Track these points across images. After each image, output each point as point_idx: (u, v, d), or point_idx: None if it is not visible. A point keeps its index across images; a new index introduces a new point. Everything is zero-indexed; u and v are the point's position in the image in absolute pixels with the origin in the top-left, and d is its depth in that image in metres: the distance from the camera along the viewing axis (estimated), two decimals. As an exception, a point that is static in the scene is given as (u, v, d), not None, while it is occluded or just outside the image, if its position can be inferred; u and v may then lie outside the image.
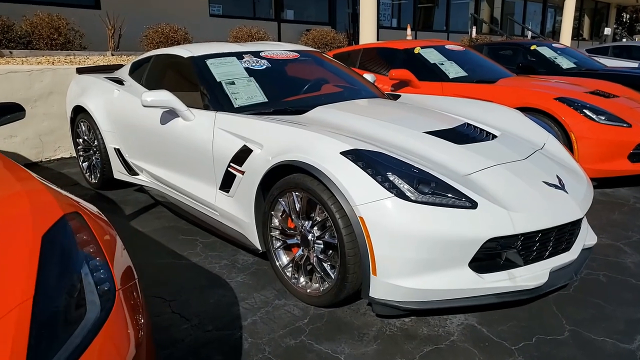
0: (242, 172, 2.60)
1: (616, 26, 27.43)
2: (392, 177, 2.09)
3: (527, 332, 2.15)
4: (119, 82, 3.98)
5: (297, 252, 2.42)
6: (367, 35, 7.98)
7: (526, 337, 2.12)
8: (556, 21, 23.68)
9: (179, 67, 3.49)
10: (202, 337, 2.14)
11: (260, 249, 2.63)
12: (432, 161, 2.36)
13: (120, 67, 4.51)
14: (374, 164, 2.13)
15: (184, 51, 3.42)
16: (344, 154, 2.18)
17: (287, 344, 2.09)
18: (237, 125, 2.71)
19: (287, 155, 2.33)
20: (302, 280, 2.41)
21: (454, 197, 2.09)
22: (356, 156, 2.16)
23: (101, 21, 7.82)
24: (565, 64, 6.56)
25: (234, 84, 3.08)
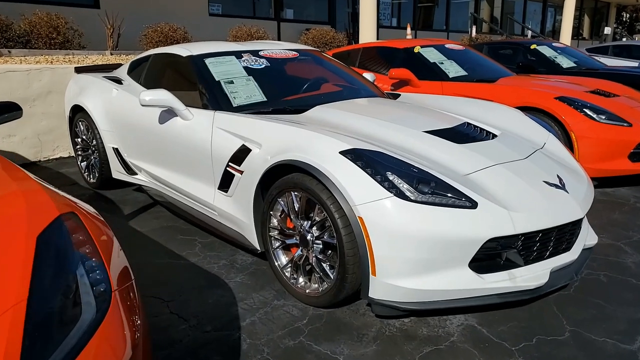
0: (241, 172, 2.58)
1: (616, 25, 27.42)
2: (391, 177, 2.08)
3: (528, 333, 2.14)
4: (118, 81, 3.97)
5: (296, 252, 2.40)
6: (367, 34, 7.97)
7: (526, 338, 2.10)
8: (556, 20, 23.67)
9: (177, 66, 3.47)
10: (200, 337, 2.13)
11: (259, 249, 2.62)
12: (431, 161, 2.34)
13: (118, 66, 4.49)
14: (374, 164, 2.12)
15: (183, 50, 3.41)
16: (343, 153, 2.16)
17: (286, 344, 2.08)
18: (236, 124, 2.70)
19: (286, 154, 2.31)
20: (301, 280, 2.40)
21: (454, 196, 2.07)
22: (355, 155, 2.15)
23: (100, 20, 7.80)
24: (565, 63, 6.54)
25: (232, 83, 3.06)
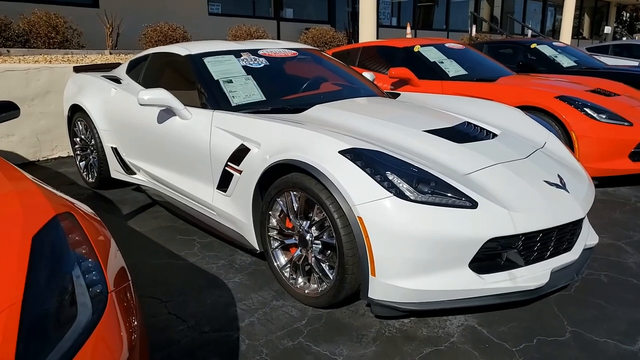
0: (240, 172, 2.57)
1: (616, 25, 27.41)
2: (391, 177, 2.06)
3: (528, 333, 2.13)
4: (116, 80, 3.95)
5: (295, 253, 2.39)
6: (367, 33, 7.96)
7: (527, 339, 2.09)
8: (556, 20, 23.67)
9: (176, 65, 3.46)
10: (198, 338, 2.12)
11: (258, 249, 2.61)
12: (431, 160, 2.33)
13: (117, 65, 4.48)
14: (373, 163, 2.10)
15: (182, 49, 3.39)
16: (342, 152, 2.15)
17: (284, 345, 2.06)
18: (235, 123, 2.68)
19: (285, 154, 2.30)
20: (300, 280, 2.39)
21: (454, 196, 2.06)
22: (355, 155, 2.13)
23: (99, 20, 7.78)
24: (565, 62, 6.52)
25: (231, 82, 3.05)
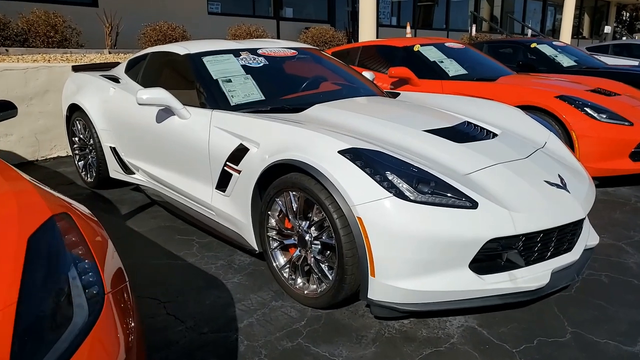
0: (239, 171, 2.56)
1: (616, 24, 27.40)
2: (390, 177, 2.05)
3: (528, 334, 2.11)
4: (115, 80, 3.94)
5: (294, 253, 2.38)
6: (367, 33, 7.94)
7: (527, 339, 2.08)
8: (556, 19, 23.66)
9: (175, 64, 3.45)
10: (197, 339, 2.11)
11: (257, 249, 2.60)
12: (431, 160, 2.32)
13: (116, 65, 4.46)
14: (373, 163, 2.09)
15: (180, 48, 3.38)
16: (341, 152, 2.14)
17: (283, 346, 2.05)
18: (234, 123, 2.67)
19: (284, 154, 2.28)
20: (299, 281, 2.37)
21: (454, 196, 2.05)
22: (354, 155, 2.12)
23: (98, 19, 7.77)
24: (565, 62, 6.51)
25: (230, 81, 3.04)
